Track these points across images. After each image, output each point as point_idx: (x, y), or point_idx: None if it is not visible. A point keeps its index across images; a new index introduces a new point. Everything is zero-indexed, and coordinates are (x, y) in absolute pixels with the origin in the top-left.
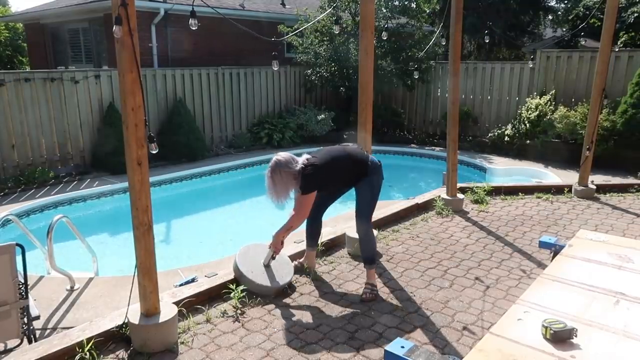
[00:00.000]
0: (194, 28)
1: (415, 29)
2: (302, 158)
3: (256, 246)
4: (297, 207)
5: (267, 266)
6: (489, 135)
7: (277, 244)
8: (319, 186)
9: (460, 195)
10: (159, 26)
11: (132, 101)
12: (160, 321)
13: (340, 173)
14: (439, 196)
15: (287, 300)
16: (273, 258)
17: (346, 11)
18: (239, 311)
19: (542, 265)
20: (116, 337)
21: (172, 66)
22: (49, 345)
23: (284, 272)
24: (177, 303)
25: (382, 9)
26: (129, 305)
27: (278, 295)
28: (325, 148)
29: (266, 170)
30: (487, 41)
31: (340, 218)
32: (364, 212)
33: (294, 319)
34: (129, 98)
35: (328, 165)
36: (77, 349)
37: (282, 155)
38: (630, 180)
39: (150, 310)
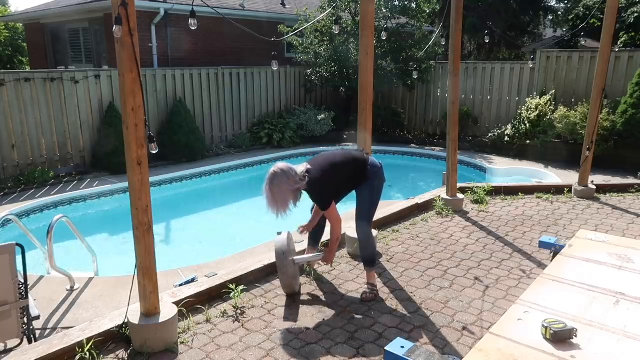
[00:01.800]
0: (193, 28)
1: (415, 29)
2: (301, 168)
3: (290, 238)
4: (328, 220)
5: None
6: (489, 135)
7: (332, 258)
8: (330, 194)
9: (460, 195)
10: (159, 26)
11: (132, 101)
12: (160, 321)
13: (342, 179)
14: (439, 196)
15: (287, 300)
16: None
17: (346, 11)
18: (239, 311)
19: (542, 265)
20: (116, 337)
21: (172, 66)
22: (49, 345)
23: (299, 277)
24: (177, 303)
25: (382, 9)
26: (129, 305)
27: (281, 294)
28: (323, 154)
29: (264, 184)
30: (487, 41)
31: None
32: (364, 216)
33: (294, 319)
34: (129, 98)
35: (328, 174)
36: (77, 349)
37: (279, 166)
38: (630, 180)
39: (150, 310)
